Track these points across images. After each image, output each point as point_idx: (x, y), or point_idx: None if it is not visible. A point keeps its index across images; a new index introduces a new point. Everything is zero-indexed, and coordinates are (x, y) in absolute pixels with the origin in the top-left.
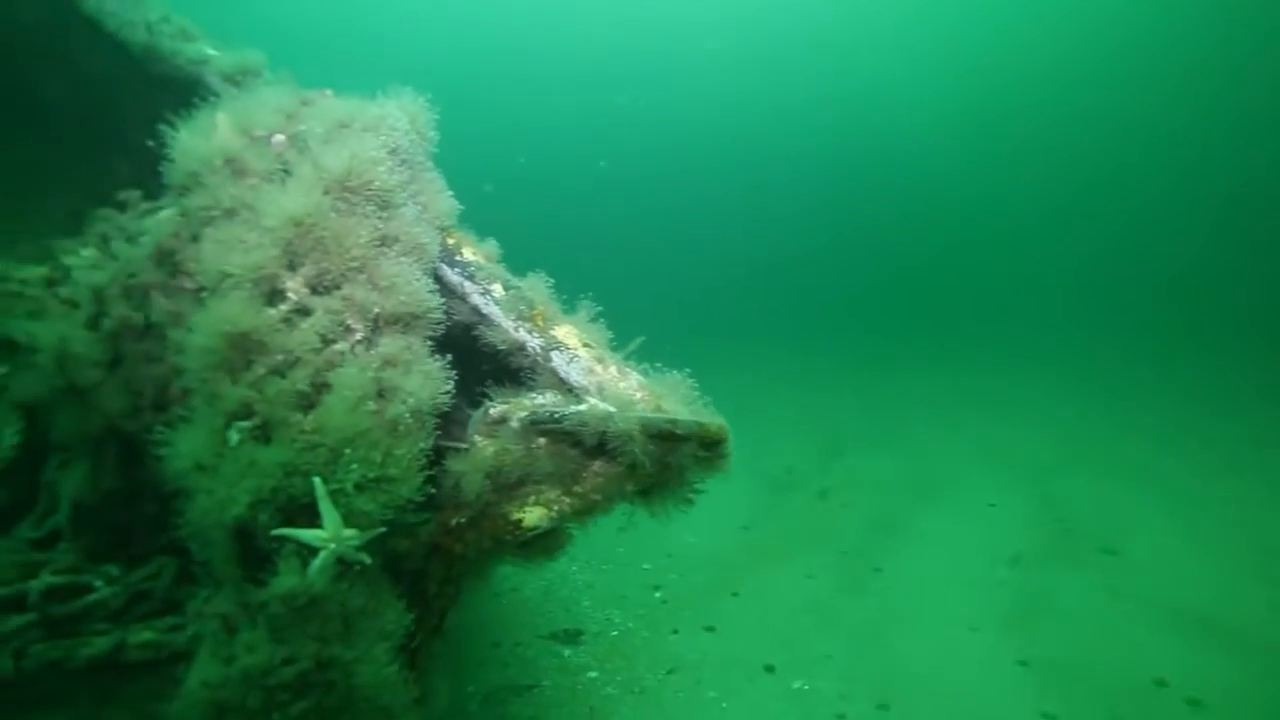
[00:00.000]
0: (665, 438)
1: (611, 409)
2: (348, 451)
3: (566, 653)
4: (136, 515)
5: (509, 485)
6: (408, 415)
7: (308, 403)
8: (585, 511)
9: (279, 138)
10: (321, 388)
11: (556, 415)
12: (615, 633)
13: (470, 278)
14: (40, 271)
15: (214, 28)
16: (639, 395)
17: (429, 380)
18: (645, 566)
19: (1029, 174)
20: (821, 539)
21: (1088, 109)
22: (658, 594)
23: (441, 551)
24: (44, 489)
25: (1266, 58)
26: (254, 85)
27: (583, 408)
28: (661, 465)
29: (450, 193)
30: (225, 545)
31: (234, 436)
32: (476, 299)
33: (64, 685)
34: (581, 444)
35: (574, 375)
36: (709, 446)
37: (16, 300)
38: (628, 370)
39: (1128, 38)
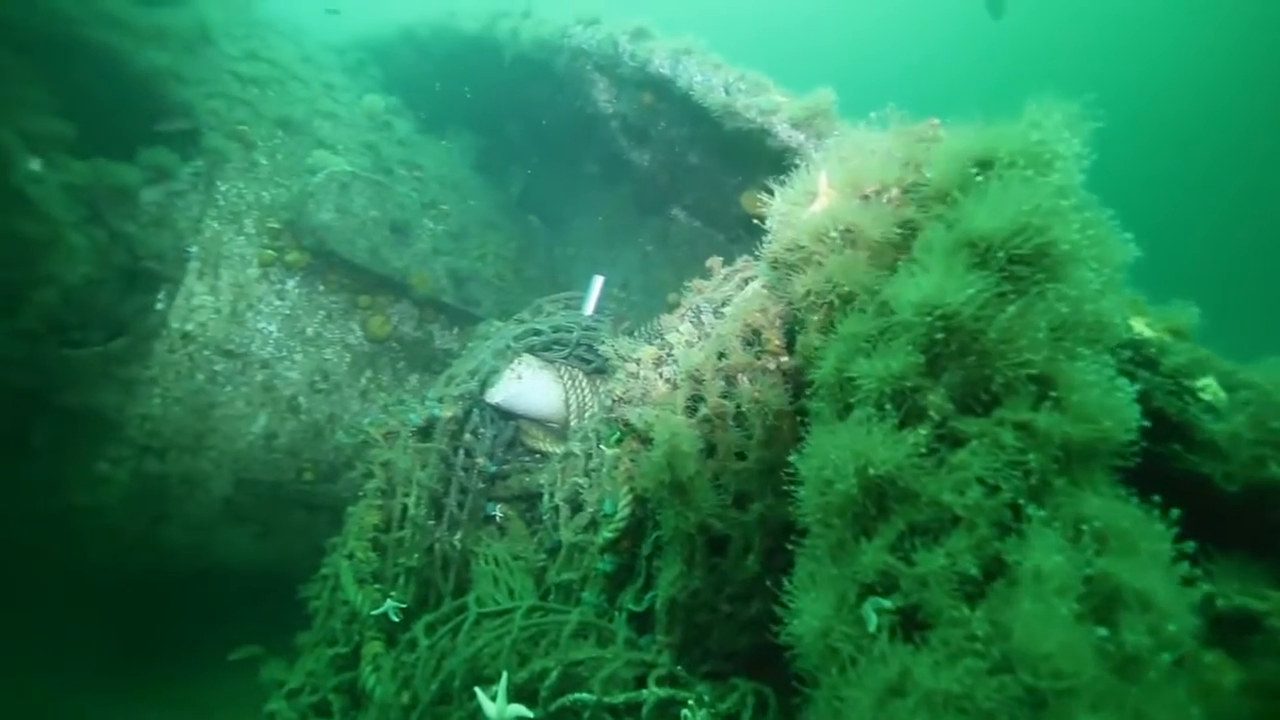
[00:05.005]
0: None
1: None
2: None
3: None
4: (715, 613)
5: None
6: (1161, 653)
7: (976, 590)
8: None
9: (893, 193)
10: (995, 569)
11: None
12: None
13: (1149, 364)
14: (651, 351)
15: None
16: None
17: (1168, 575)
18: None
19: None
20: None
21: None
22: None
23: None
24: (643, 562)
25: None
26: (825, 128)
27: None
28: None
29: (1127, 236)
30: None
31: (872, 618)
32: (1161, 399)
33: None
34: None
35: None
36: None
37: (635, 382)
38: None
39: None
